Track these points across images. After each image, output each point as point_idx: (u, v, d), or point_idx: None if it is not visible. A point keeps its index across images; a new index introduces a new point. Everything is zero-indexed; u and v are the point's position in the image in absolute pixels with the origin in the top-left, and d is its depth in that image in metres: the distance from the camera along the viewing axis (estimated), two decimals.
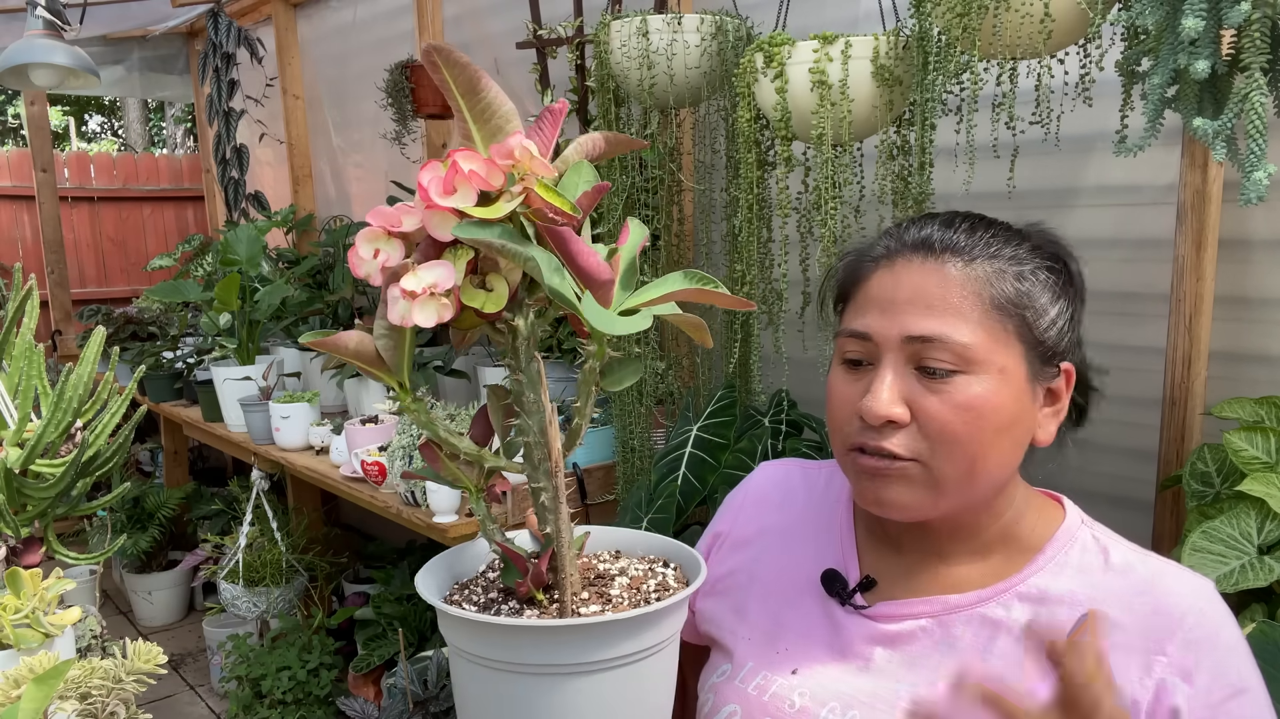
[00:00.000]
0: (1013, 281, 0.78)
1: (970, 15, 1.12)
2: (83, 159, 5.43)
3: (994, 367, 0.76)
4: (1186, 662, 0.73)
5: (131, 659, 0.78)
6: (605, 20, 1.66)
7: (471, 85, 0.59)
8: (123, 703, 0.76)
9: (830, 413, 0.83)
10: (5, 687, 0.76)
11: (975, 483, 0.78)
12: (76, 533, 3.74)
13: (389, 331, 0.61)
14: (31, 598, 0.91)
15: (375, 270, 0.59)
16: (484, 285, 0.60)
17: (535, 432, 0.65)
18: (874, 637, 0.83)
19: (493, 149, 0.57)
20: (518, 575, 0.67)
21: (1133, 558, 0.81)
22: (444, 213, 0.56)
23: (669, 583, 0.70)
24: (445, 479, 0.69)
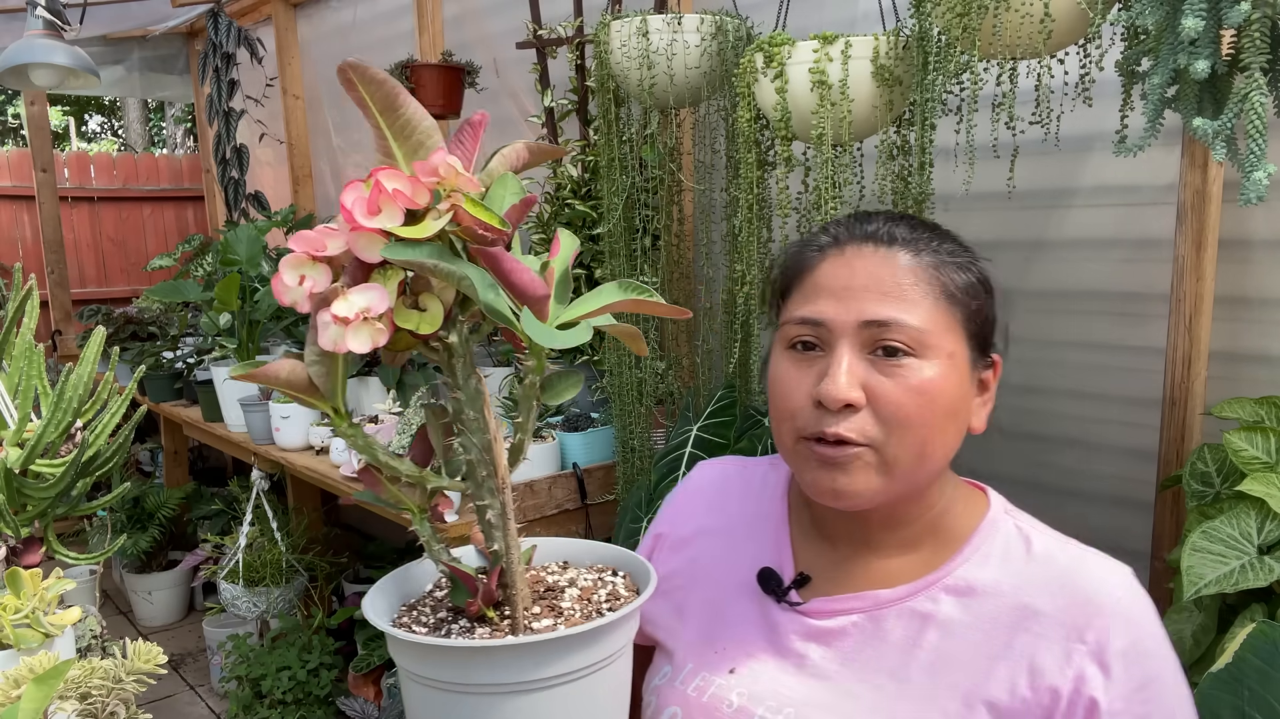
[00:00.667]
0: (957, 272, 0.82)
1: (970, 15, 1.12)
2: (83, 159, 5.43)
3: (944, 352, 0.79)
4: (1104, 650, 0.74)
5: (131, 659, 0.78)
6: (605, 20, 1.66)
7: (389, 102, 0.58)
8: (123, 703, 0.76)
9: (778, 401, 0.83)
10: (5, 687, 0.76)
11: (923, 467, 0.80)
12: (76, 533, 3.74)
13: (320, 358, 0.60)
14: (31, 598, 0.91)
15: (302, 297, 0.57)
16: (417, 305, 0.59)
17: (478, 449, 0.64)
18: (808, 633, 0.85)
19: (416, 166, 0.56)
20: (467, 595, 0.66)
21: (1054, 546, 0.82)
22: (370, 234, 0.55)
23: (620, 592, 0.70)
24: (387, 502, 0.68)
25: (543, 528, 1.88)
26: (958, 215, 1.69)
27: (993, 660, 0.77)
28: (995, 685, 0.76)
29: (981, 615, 0.79)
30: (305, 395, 0.61)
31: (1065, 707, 0.74)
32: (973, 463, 1.75)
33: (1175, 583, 1.16)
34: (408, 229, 0.55)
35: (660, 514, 1.03)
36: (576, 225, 2.07)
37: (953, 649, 0.79)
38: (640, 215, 1.82)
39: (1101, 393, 1.58)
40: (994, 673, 0.76)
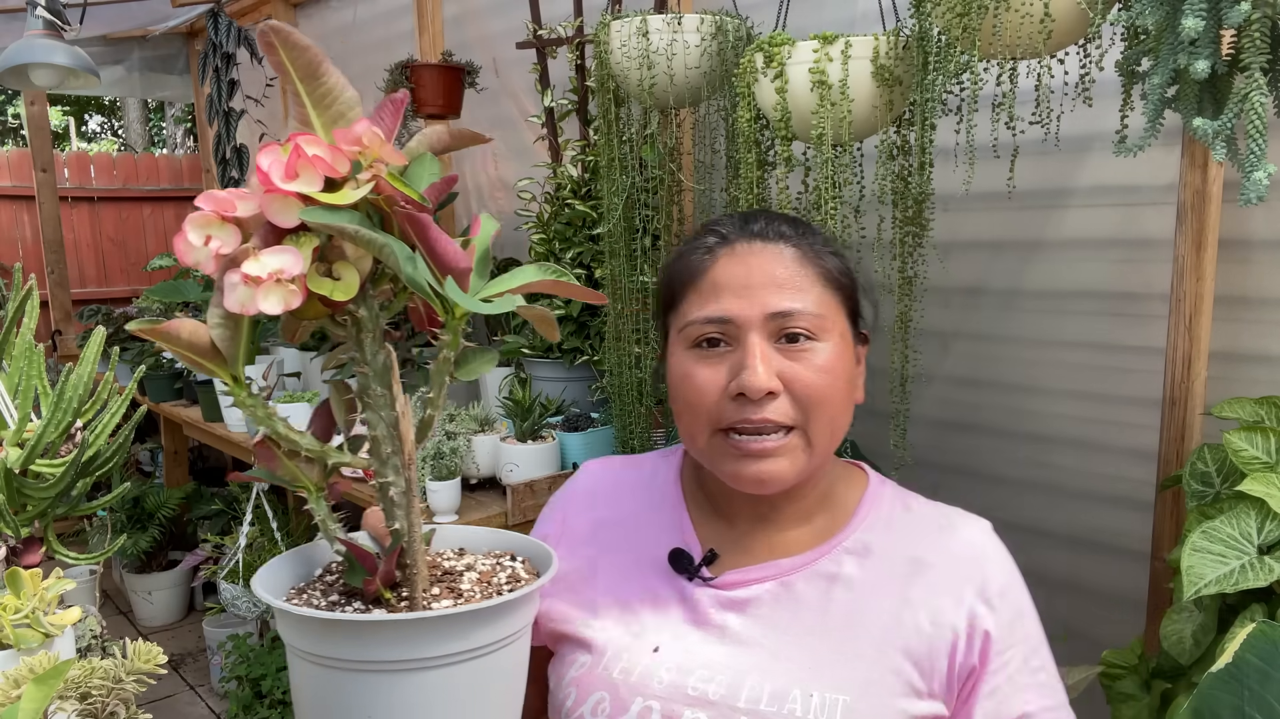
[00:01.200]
0: (832, 259, 0.90)
1: (970, 15, 1.12)
2: (83, 159, 5.43)
3: (836, 332, 0.87)
4: (987, 590, 0.86)
5: (131, 659, 0.78)
6: (605, 20, 1.66)
7: (311, 69, 0.56)
8: (123, 703, 0.76)
9: (689, 398, 0.88)
10: (5, 687, 0.76)
11: (834, 441, 0.89)
12: (76, 533, 3.74)
13: (225, 321, 0.58)
14: (31, 598, 0.91)
15: (207, 258, 0.55)
16: (330, 274, 0.57)
17: (384, 424, 0.63)
18: (725, 604, 0.90)
19: (338, 134, 0.55)
20: (365, 574, 0.64)
21: (927, 508, 0.94)
22: (287, 198, 0.54)
23: (520, 574, 0.70)
24: (283, 479, 0.66)
25: None
26: (958, 215, 1.69)
27: (898, 609, 0.86)
28: (904, 630, 0.85)
29: (880, 571, 0.89)
30: (206, 360, 0.59)
31: (964, 641, 0.84)
32: (973, 462, 1.76)
33: (1175, 583, 1.16)
34: (327, 195, 0.54)
35: (547, 517, 1.06)
36: (576, 225, 2.07)
37: (861, 603, 0.87)
38: (640, 215, 1.82)
39: (1101, 393, 1.58)
40: (901, 620, 0.86)
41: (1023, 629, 0.86)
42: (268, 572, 0.68)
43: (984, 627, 0.84)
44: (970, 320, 1.73)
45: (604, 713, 0.87)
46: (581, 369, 2.08)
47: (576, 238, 2.07)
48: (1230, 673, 0.94)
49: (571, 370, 2.08)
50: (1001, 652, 0.84)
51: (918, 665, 0.84)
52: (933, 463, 1.77)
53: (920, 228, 1.38)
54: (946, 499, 0.96)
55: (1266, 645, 0.98)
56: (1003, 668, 0.84)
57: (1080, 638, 1.54)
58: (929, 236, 1.39)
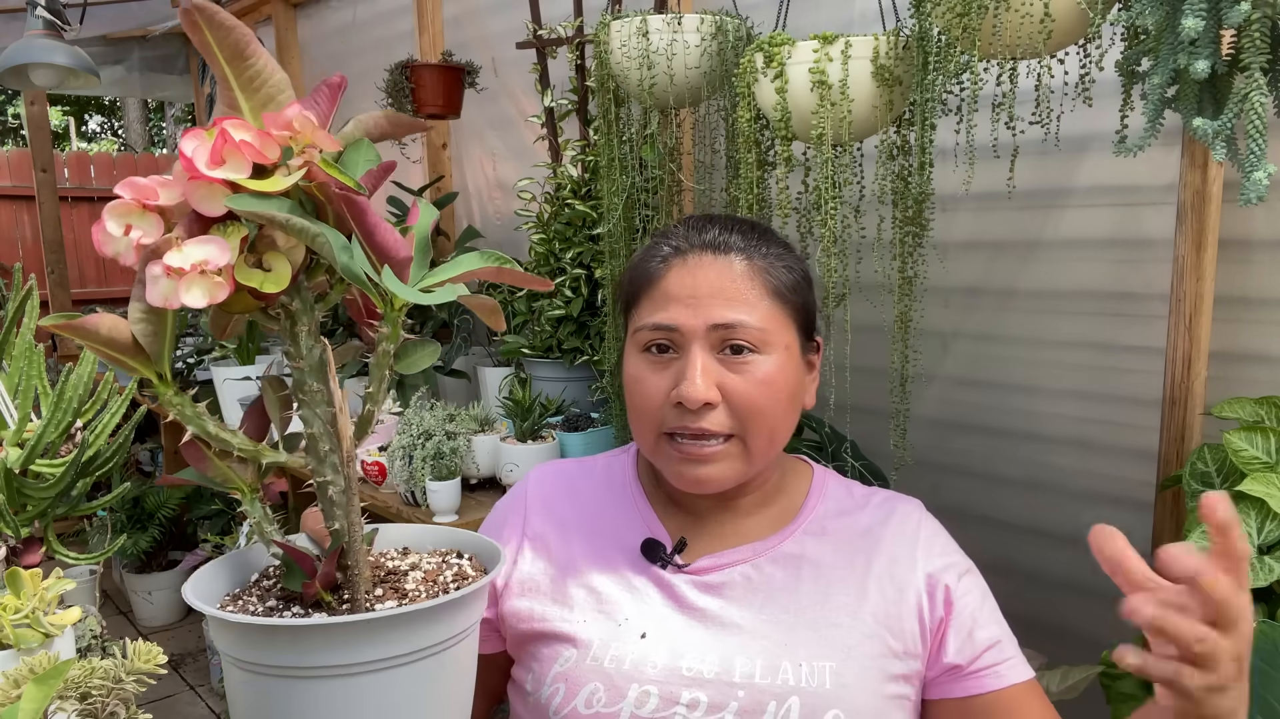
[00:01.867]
0: (784, 272, 0.93)
1: (970, 15, 1.12)
2: (83, 159, 5.43)
3: (781, 344, 0.91)
4: (933, 554, 0.95)
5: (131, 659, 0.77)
6: (605, 20, 1.66)
7: (238, 50, 0.53)
8: (123, 703, 0.76)
9: (637, 401, 0.93)
10: (5, 687, 0.76)
11: (773, 448, 0.93)
12: (76, 533, 3.74)
13: (147, 315, 0.55)
14: (31, 598, 0.91)
15: (127, 248, 0.52)
16: (260, 265, 0.54)
17: (321, 421, 0.60)
18: (702, 588, 0.94)
19: (268, 118, 0.52)
20: (303, 577, 0.62)
21: (867, 491, 1.02)
22: (212, 185, 0.51)
23: (467, 571, 0.68)
24: (213, 481, 0.63)
25: None
26: (958, 215, 1.69)
27: (862, 579, 0.93)
28: (870, 598, 0.92)
29: (840, 547, 0.95)
30: (127, 358, 0.56)
31: (927, 599, 0.92)
32: (973, 463, 1.76)
33: None
34: (256, 182, 0.51)
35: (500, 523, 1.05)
36: (576, 225, 2.07)
37: (827, 577, 0.93)
38: (640, 215, 1.82)
39: (1101, 393, 1.58)
40: (866, 588, 0.92)
41: (972, 578, 0.95)
42: (200, 578, 0.65)
43: (943, 582, 0.92)
44: (970, 320, 1.73)
45: (599, 703, 0.88)
46: (581, 369, 2.08)
47: (576, 238, 2.07)
48: None
49: (571, 370, 2.08)
50: (961, 596, 0.92)
51: (889, 627, 0.90)
52: (933, 463, 1.77)
53: (920, 228, 1.38)
54: (947, 499, 0.98)
55: (1266, 645, 0.98)
56: (965, 608, 0.92)
57: (1080, 638, 1.54)
58: (929, 236, 1.39)
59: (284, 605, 0.63)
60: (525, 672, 0.96)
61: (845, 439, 1.56)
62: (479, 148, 2.97)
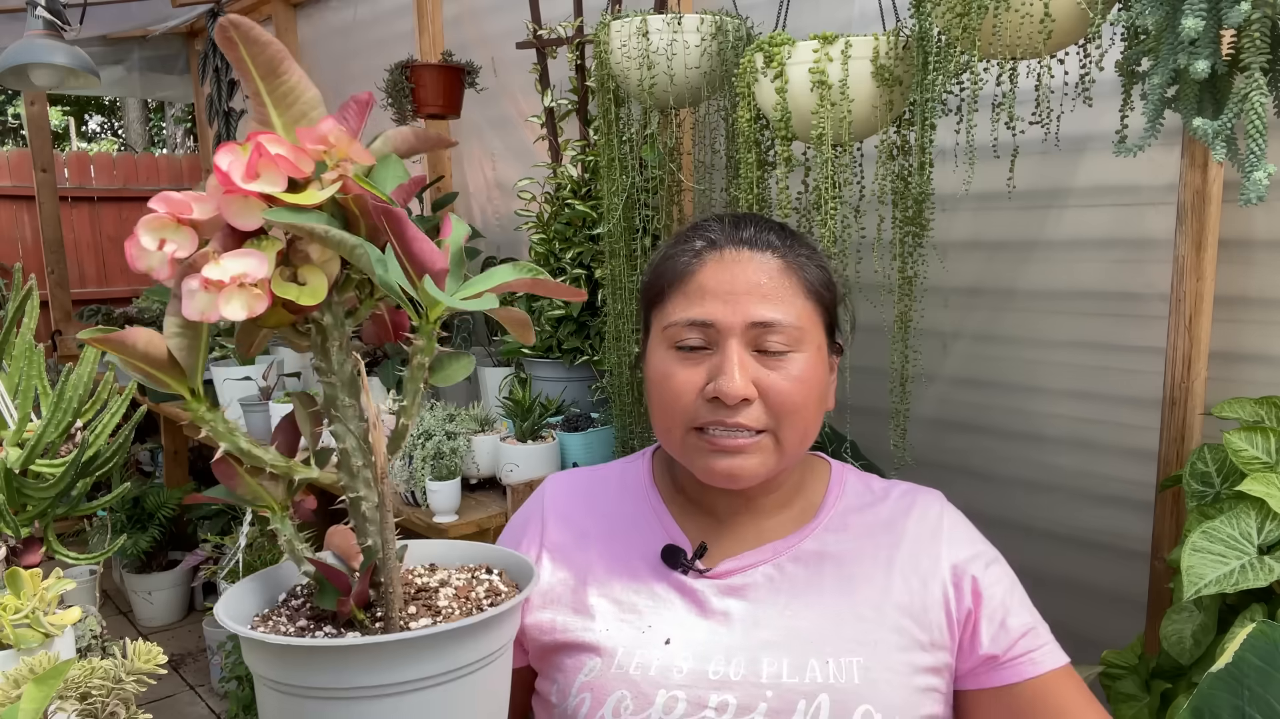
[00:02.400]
0: (817, 272, 0.93)
1: (970, 15, 1.12)
2: (83, 159, 5.43)
3: (813, 344, 0.90)
4: (958, 544, 0.94)
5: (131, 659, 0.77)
6: (605, 20, 1.66)
7: (272, 67, 0.53)
8: (123, 703, 0.76)
9: (666, 397, 0.91)
10: (5, 687, 0.76)
11: (804, 445, 0.93)
12: (76, 533, 3.74)
13: (183, 330, 0.55)
14: (31, 598, 0.91)
15: (161, 263, 0.52)
16: (295, 279, 0.54)
17: (354, 438, 0.60)
18: (724, 591, 0.93)
19: (301, 133, 0.53)
20: (337, 595, 0.61)
21: (886, 484, 1.01)
22: (248, 198, 0.51)
23: (499, 587, 0.67)
24: (244, 498, 0.62)
25: None
26: (958, 215, 1.69)
27: (886, 573, 0.92)
28: (894, 591, 0.91)
29: (861, 541, 0.95)
30: (162, 373, 0.56)
31: (954, 590, 0.91)
32: (973, 463, 1.76)
33: (1175, 583, 1.16)
34: (290, 195, 0.51)
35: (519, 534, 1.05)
36: (576, 225, 2.07)
37: (850, 573, 0.93)
38: (640, 215, 1.82)
39: (1101, 393, 1.58)
40: (890, 582, 0.92)
41: (999, 567, 0.95)
42: (230, 599, 0.64)
43: (970, 572, 0.92)
44: (970, 320, 1.73)
45: (627, 710, 0.88)
46: (581, 369, 2.08)
47: (576, 238, 2.07)
48: (1230, 673, 0.94)
49: (571, 370, 2.08)
50: (989, 586, 0.92)
51: (915, 620, 0.90)
52: (933, 463, 1.77)
53: (920, 228, 1.38)
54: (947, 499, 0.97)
55: (1266, 645, 0.98)
56: (995, 597, 0.92)
57: (1080, 638, 1.54)
58: (929, 236, 1.39)
59: (315, 625, 0.62)
60: (550, 683, 0.95)
61: (845, 439, 1.56)
62: (479, 148, 2.97)
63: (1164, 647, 1.16)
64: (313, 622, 0.62)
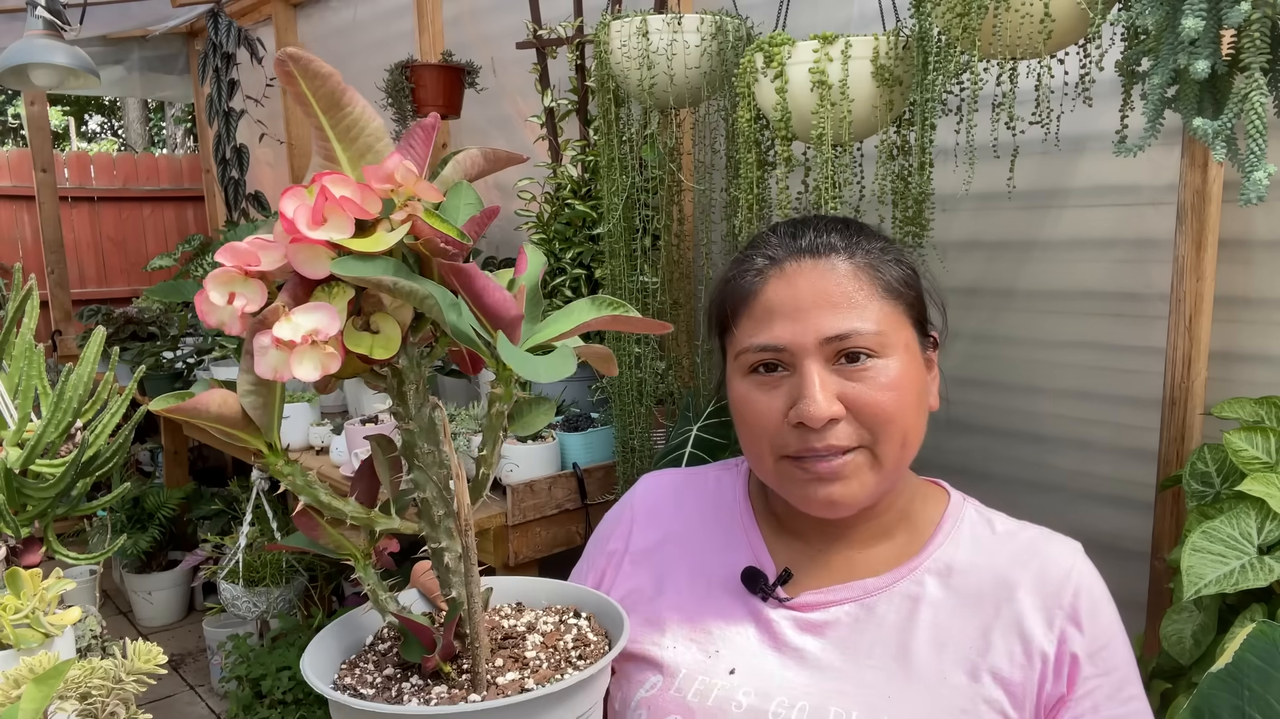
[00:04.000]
0: (891, 267, 0.85)
1: (970, 15, 1.12)
2: (83, 159, 5.43)
3: (900, 345, 0.83)
4: (1078, 612, 0.82)
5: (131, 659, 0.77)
6: (605, 20, 1.66)
7: (334, 100, 0.52)
8: (123, 703, 0.76)
9: (749, 425, 0.85)
10: (5, 687, 0.76)
11: (906, 455, 0.84)
12: (76, 533, 3.74)
13: (257, 387, 0.53)
14: (31, 598, 0.91)
15: (231, 318, 0.51)
16: (368, 327, 0.52)
17: (434, 486, 0.58)
18: (803, 627, 0.86)
19: (368, 172, 0.51)
20: (421, 649, 0.60)
21: (1013, 526, 0.90)
22: (315, 247, 0.49)
23: (588, 636, 0.64)
24: (326, 549, 0.61)
25: (543, 528, 1.88)
26: (957, 215, 1.69)
27: (986, 632, 0.82)
28: (995, 654, 0.80)
29: (966, 592, 0.84)
30: (238, 430, 0.54)
31: (1053, 666, 0.80)
32: (973, 463, 1.76)
33: (1175, 583, 1.16)
34: (358, 241, 0.49)
35: (608, 532, 1.01)
36: (576, 225, 2.07)
37: (947, 625, 0.82)
38: (640, 215, 1.82)
39: (1101, 393, 1.58)
40: (991, 643, 0.81)
41: (1113, 657, 0.81)
42: (316, 648, 0.63)
43: (1072, 649, 0.80)
44: (970, 320, 1.73)
45: None
46: (581, 369, 2.08)
47: (576, 238, 2.07)
48: (1230, 673, 0.94)
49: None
50: (1089, 678, 0.80)
51: (1010, 692, 0.80)
52: (932, 463, 1.77)
53: (920, 228, 1.38)
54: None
55: (1266, 645, 0.98)
56: (1088, 695, 0.79)
57: None
58: (929, 236, 1.39)
59: (402, 674, 0.60)
60: (617, 689, 0.92)
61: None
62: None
63: (1164, 647, 1.16)
64: (399, 669, 0.61)
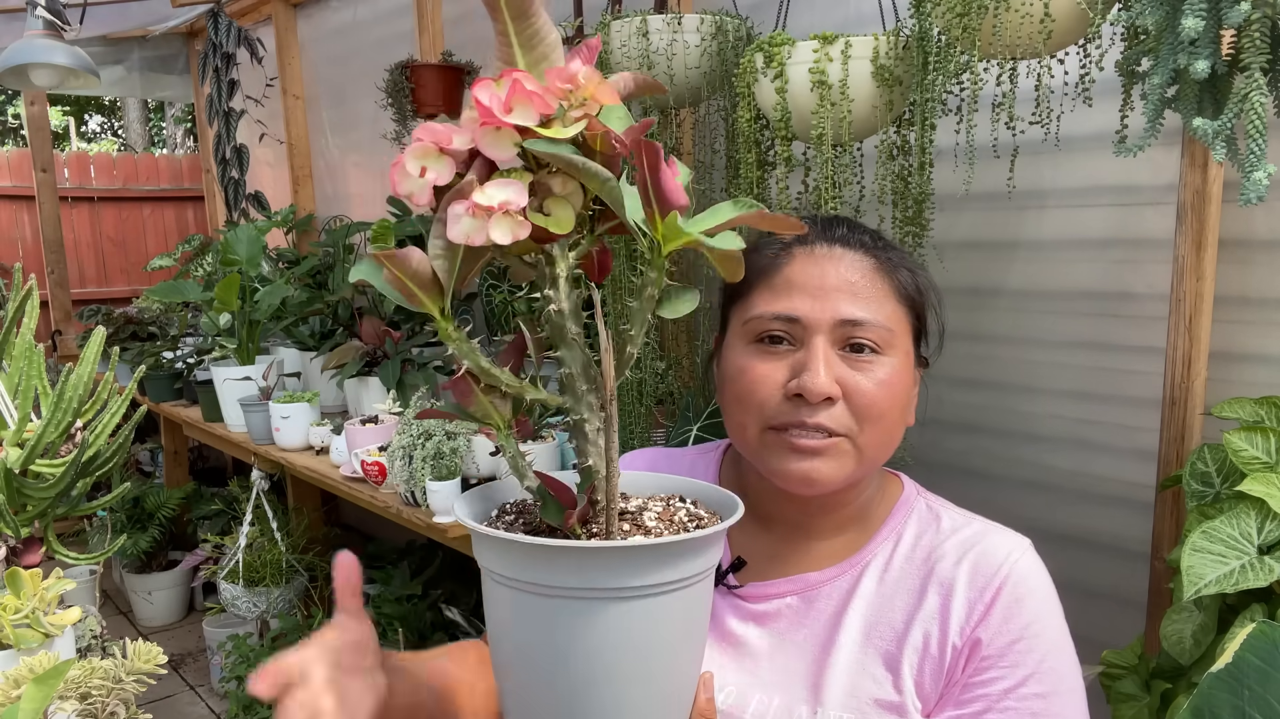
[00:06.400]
0: (911, 276, 0.88)
1: (970, 15, 1.12)
2: (83, 159, 5.43)
3: (901, 349, 0.86)
4: (994, 603, 0.82)
5: (131, 659, 0.78)
6: (605, 20, 1.66)
7: (523, 9, 0.57)
8: (123, 703, 0.76)
9: (741, 393, 0.86)
10: (5, 687, 0.76)
11: (884, 454, 0.86)
12: (76, 533, 3.74)
13: (445, 252, 0.59)
14: (31, 598, 0.91)
15: (421, 189, 0.57)
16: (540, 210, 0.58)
17: (578, 363, 0.64)
18: (745, 615, 0.89)
19: (551, 73, 0.56)
20: (561, 510, 0.65)
21: (960, 520, 0.90)
22: (504, 130, 0.55)
23: (699, 513, 0.69)
24: (473, 415, 0.67)
25: None
26: (957, 215, 1.69)
27: (908, 623, 0.84)
28: (911, 646, 0.83)
29: (898, 585, 0.86)
30: (423, 291, 0.60)
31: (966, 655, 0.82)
32: (972, 463, 1.76)
33: (1175, 583, 1.16)
34: (547, 130, 0.55)
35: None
36: None
37: (875, 618, 0.85)
38: None
39: (1101, 393, 1.58)
40: (910, 634, 0.83)
41: (1025, 656, 0.81)
42: (464, 502, 0.70)
43: (977, 635, 0.81)
44: (969, 320, 1.73)
45: None
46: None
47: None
48: (1230, 673, 0.94)
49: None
50: (988, 668, 0.81)
51: (919, 683, 0.82)
52: (931, 463, 1.77)
53: (920, 228, 1.38)
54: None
55: (1266, 645, 0.98)
56: (981, 685, 0.80)
57: (1080, 638, 1.53)
58: (929, 236, 1.39)
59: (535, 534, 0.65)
60: None
61: None
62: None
63: (1164, 647, 1.16)
64: (530, 533, 0.66)
